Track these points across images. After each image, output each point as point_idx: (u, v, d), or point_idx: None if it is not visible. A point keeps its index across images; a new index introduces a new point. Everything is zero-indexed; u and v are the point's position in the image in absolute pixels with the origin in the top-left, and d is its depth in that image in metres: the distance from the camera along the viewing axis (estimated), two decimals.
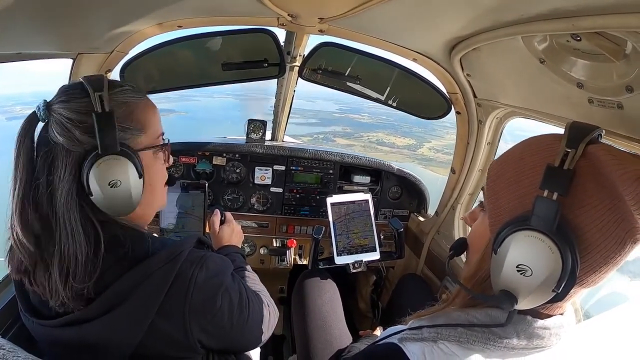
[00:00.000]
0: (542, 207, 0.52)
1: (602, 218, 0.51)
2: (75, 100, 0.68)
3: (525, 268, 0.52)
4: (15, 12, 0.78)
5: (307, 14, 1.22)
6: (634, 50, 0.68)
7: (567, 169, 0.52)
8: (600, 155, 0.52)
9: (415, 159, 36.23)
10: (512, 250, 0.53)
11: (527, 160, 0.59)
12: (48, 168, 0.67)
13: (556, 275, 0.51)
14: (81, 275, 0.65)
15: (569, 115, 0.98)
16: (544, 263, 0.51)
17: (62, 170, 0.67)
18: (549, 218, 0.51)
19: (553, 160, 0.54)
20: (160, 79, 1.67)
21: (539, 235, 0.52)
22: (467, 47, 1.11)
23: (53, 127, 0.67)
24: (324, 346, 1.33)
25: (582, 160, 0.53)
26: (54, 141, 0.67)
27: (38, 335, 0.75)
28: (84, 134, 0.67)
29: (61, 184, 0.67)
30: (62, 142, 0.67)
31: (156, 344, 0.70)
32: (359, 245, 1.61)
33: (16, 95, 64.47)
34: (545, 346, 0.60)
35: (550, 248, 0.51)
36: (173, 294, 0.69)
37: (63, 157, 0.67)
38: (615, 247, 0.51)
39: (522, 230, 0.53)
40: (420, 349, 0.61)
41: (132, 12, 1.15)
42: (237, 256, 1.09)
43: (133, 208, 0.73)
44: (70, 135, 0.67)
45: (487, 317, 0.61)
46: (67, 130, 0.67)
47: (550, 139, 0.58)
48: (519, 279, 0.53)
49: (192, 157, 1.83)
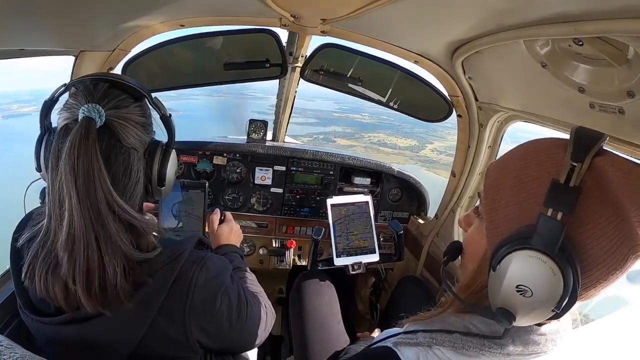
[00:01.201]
0: (545, 226, 0.49)
1: (606, 236, 0.49)
2: (131, 105, 0.71)
3: (525, 289, 0.50)
4: (19, 9, 0.79)
5: (309, 15, 1.22)
6: (636, 55, 0.68)
7: (574, 187, 0.49)
8: (607, 170, 0.49)
9: (418, 161, 35.77)
10: (511, 270, 0.51)
11: (529, 170, 0.55)
12: (123, 171, 0.69)
13: (557, 296, 0.49)
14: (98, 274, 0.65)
15: (570, 119, 0.98)
16: (545, 284, 0.49)
17: (137, 171, 0.71)
18: (552, 239, 0.49)
19: (557, 173, 0.51)
20: (162, 77, 1.67)
21: (541, 256, 0.49)
22: (469, 50, 1.11)
23: (121, 131, 0.67)
24: (322, 347, 1.33)
25: (588, 175, 0.50)
26: (125, 145, 0.68)
27: (37, 333, 0.75)
28: (146, 134, 0.74)
29: (137, 185, 0.72)
30: (134, 145, 0.70)
31: (156, 344, 0.70)
32: (359, 246, 1.61)
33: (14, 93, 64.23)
34: (541, 352, 0.59)
35: (552, 269, 0.49)
36: (173, 294, 0.70)
37: (136, 158, 0.71)
38: (617, 264, 0.50)
39: (523, 249, 0.51)
40: (414, 353, 0.60)
41: (134, 11, 1.15)
42: (235, 256, 1.09)
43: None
44: (140, 137, 0.71)
45: (484, 323, 0.60)
46: (136, 134, 0.70)
47: (554, 147, 0.55)
48: (518, 299, 0.51)
49: (192, 157, 1.83)
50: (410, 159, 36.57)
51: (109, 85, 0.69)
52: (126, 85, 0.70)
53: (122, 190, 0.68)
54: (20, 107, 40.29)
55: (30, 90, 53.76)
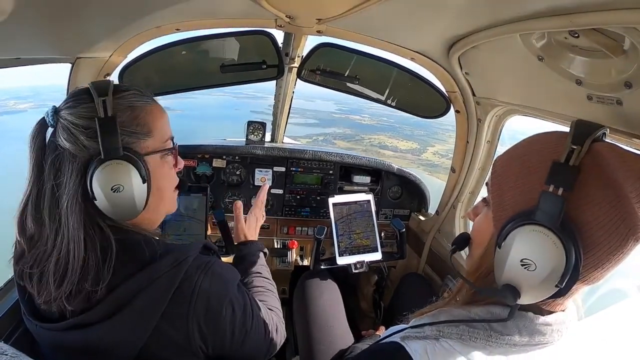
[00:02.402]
0: (547, 202, 0.53)
1: (606, 215, 0.51)
2: (81, 105, 0.69)
3: (529, 262, 0.53)
4: (14, 18, 0.79)
5: (304, 15, 1.22)
6: (632, 46, 0.68)
7: (573, 165, 0.53)
8: (605, 153, 0.52)
9: (421, 165, 35.58)
10: (516, 245, 0.54)
11: (533, 157, 0.59)
12: (54, 173, 0.68)
13: (559, 270, 0.51)
14: (77, 278, 0.66)
15: (568, 112, 0.98)
16: (548, 258, 0.52)
17: (68, 175, 0.67)
18: (553, 213, 0.52)
19: (559, 157, 0.54)
20: (159, 82, 1.68)
21: (544, 230, 0.52)
22: (465, 45, 1.11)
23: (60, 132, 0.68)
24: (327, 347, 1.33)
25: (587, 158, 0.53)
26: (61, 147, 0.68)
27: (41, 339, 0.75)
28: (89, 139, 0.68)
29: (66, 188, 0.67)
30: (68, 147, 0.67)
31: (159, 349, 0.70)
32: (361, 245, 1.61)
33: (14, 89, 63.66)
34: (547, 342, 0.60)
35: (554, 243, 0.51)
36: (177, 299, 0.69)
37: (69, 162, 0.68)
38: (618, 244, 0.51)
39: (526, 224, 0.54)
40: (422, 346, 0.61)
41: (130, 16, 1.15)
42: (257, 258, 1.10)
43: (137, 213, 0.73)
44: (76, 140, 0.67)
45: (489, 314, 0.61)
46: (73, 136, 0.67)
47: (556, 137, 0.59)
48: (523, 273, 0.53)
49: (192, 160, 1.83)
50: (411, 163, 36.39)
51: (84, 87, 0.71)
52: (90, 85, 0.71)
53: (48, 187, 0.68)
54: (16, 104, 39.98)
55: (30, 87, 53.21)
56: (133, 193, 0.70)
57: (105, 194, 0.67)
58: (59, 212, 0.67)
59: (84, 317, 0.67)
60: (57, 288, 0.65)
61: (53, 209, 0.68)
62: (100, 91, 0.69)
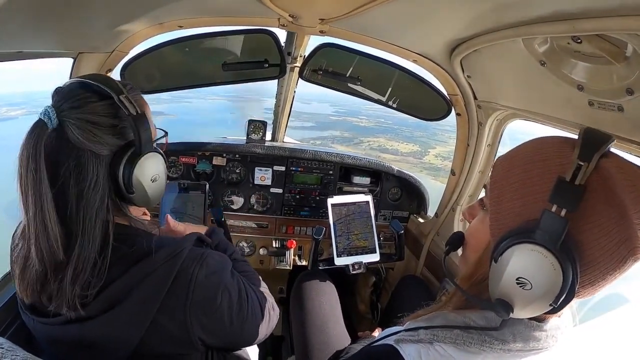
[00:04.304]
0: (549, 222, 0.50)
1: (607, 237, 0.50)
2: (92, 103, 0.68)
3: (525, 282, 0.51)
4: (17, 11, 0.78)
5: (307, 14, 1.22)
6: (635, 52, 0.68)
7: (579, 185, 0.50)
8: (612, 173, 0.50)
9: (423, 168, 34.65)
10: (513, 262, 0.52)
11: (536, 166, 0.56)
12: (76, 178, 0.66)
13: (555, 291, 0.50)
14: (91, 278, 0.66)
15: (569, 117, 0.98)
16: (545, 279, 0.50)
17: (93, 177, 0.67)
18: (555, 234, 0.50)
19: (564, 171, 0.52)
20: (161, 79, 1.67)
21: (543, 251, 0.50)
22: (468, 48, 1.11)
23: (74, 133, 0.65)
24: (323, 347, 1.33)
25: (593, 175, 0.51)
26: (79, 147, 0.66)
27: (38, 334, 0.75)
28: (112, 136, 0.69)
29: (94, 190, 0.67)
30: (90, 147, 0.66)
31: (157, 341, 0.71)
32: (359, 246, 1.61)
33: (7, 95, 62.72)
34: (542, 348, 0.59)
35: (552, 265, 0.50)
36: (174, 291, 0.70)
37: (93, 163, 0.67)
38: (616, 265, 0.51)
39: (525, 243, 0.52)
40: (416, 350, 0.61)
41: (132, 12, 1.15)
42: (230, 245, 1.07)
43: (160, 199, 0.81)
44: (99, 139, 0.67)
45: (483, 319, 0.61)
46: (96, 135, 0.67)
47: (562, 144, 0.56)
48: (518, 291, 0.52)
49: (192, 157, 1.83)
50: (414, 166, 35.45)
51: (78, 85, 0.70)
52: (93, 84, 0.68)
53: (72, 192, 0.66)
54: (8, 111, 39.13)
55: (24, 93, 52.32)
56: (163, 180, 0.79)
57: (146, 185, 0.73)
58: (88, 215, 0.67)
59: (80, 311, 0.67)
60: (72, 290, 0.65)
61: (81, 212, 0.66)
62: (116, 89, 0.69)
